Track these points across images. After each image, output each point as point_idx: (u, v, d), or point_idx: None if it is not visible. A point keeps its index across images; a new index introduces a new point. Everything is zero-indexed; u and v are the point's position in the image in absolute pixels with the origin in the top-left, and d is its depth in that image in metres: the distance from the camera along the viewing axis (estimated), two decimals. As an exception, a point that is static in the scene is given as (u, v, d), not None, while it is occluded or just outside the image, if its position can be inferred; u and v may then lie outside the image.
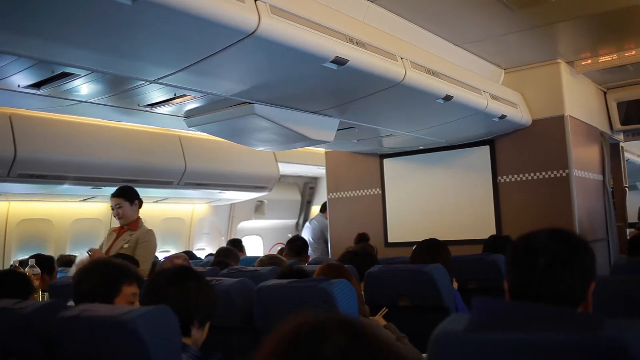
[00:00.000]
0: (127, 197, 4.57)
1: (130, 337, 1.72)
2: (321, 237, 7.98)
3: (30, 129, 5.24)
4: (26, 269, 3.79)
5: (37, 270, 3.87)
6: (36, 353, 2.13)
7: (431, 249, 3.39)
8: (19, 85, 3.28)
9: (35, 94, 3.43)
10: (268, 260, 4.35)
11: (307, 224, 8.50)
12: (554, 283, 1.50)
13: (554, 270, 1.50)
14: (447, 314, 2.89)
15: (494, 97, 4.86)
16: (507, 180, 5.78)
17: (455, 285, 3.28)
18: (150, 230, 4.54)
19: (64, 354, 1.93)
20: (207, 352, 2.06)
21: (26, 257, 4.85)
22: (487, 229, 5.66)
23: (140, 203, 4.67)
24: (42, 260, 4.44)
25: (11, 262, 5.15)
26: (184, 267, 2.37)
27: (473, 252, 4.46)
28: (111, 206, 4.60)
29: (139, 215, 4.64)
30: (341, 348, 0.74)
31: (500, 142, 5.85)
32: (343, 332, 0.76)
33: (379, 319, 2.86)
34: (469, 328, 1.30)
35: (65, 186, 5.69)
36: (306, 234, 8.10)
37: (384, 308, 2.96)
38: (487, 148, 5.93)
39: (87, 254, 3.99)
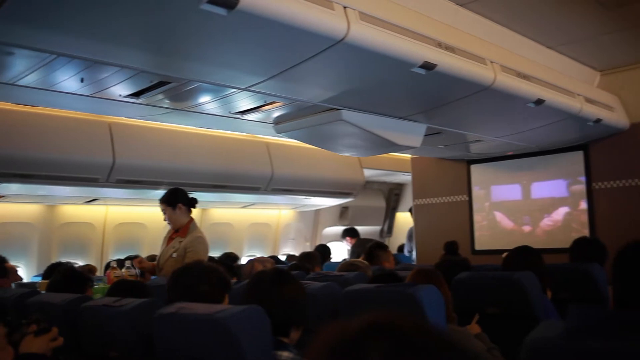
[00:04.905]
0: (168, 202, 4.29)
1: (224, 334, 1.78)
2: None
3: (127, 137, 5.51)
4: (123, 270, 3.97)
5: (133, 270, 4.03)
6: (135, 347, 2.24)
7: (524, 257, 3.28)
8: (120, 95, 3.47)
9: (134, 102, 3.61)
10: (348, 265, 4.34)
11: None
12: None
13: None
14: (537, 323, 2.81)
15: (588, 100, 4.68)
16: (603, 186, 5.54)
17: (548, 295, 3.17)
18: (199, 237, 4.26)
19: (162, 348, 2.02)
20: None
21: (122, 257, 5.11)
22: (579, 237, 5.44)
23: (189, 206, 4.35)
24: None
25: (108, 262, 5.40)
26: (282, 270, 2.43)
27: (564, 261, 4.29)
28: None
29: (192, 218, 4.36)
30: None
31: (595, 147, 5.62)
32: (387, 342, 0.72)
33: (473, 326, 2.81)
34: (565, 335, 1.27)
35: (159, 191, 5.94)
36: None
37: (477, 315, 2.91)
38: (580, 153, 5.72)
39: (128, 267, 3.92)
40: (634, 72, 5.35)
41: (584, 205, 5.67)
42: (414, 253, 7.14)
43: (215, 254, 6.42)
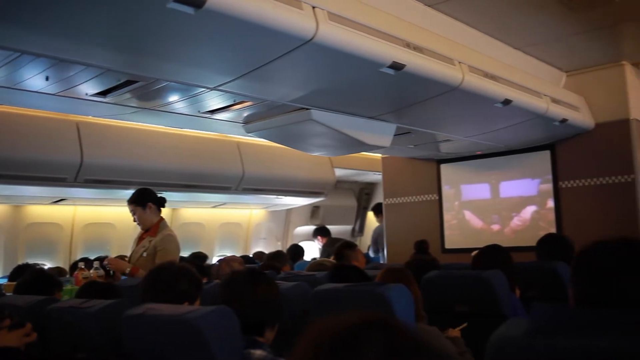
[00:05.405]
0: (137, 202, 4.26)
1: (193, 335, 1.77)
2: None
3: (96, 136, 5.44)
4: (91, 271, 3.92)
5: (102, 271, 3.98)
6: (103, 349, 2.21)
7: (494, 256, 3.31)
8: (86, 94, 3.42)
9: (101, 101, 3.56)
10: (317, 265, 4.34)
11: None
12: (624, 290, 1.45)
13: (625, 277, 1.45)
14: (505, 321, 2.85)
15: (554, 100, 4.76)
16: (569, 185, 5.64)
17: (517, 293, 3.21)
18: (169, 235, 4.21)
19: (131, 350, 2.00)
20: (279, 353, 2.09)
21: (91, 258, 5.03)
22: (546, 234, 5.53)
23: (159, 205, 4.32)
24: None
25: (75, 262, 5.31)
26: (255, 270, 2.42)
27: (532, 259, 4.35)
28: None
29: (162, 217, 4.33)
30: (381, 355, 0.71)
31: (562, 147, 5.71)
32: (383, 339, 0.72)
33: (454, 330, 2.83)
34: (529, 333, 1.28)
35: (128, 191, 5.86)
36: None
37: (464, 323, 2.93)
38: (547, 153, 5.81)
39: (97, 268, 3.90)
40: (599, 73, 5.45)
41: (551, 203, 5.76)
42: (385, 253, 7.17)
43: (186, 253, 6.38)
